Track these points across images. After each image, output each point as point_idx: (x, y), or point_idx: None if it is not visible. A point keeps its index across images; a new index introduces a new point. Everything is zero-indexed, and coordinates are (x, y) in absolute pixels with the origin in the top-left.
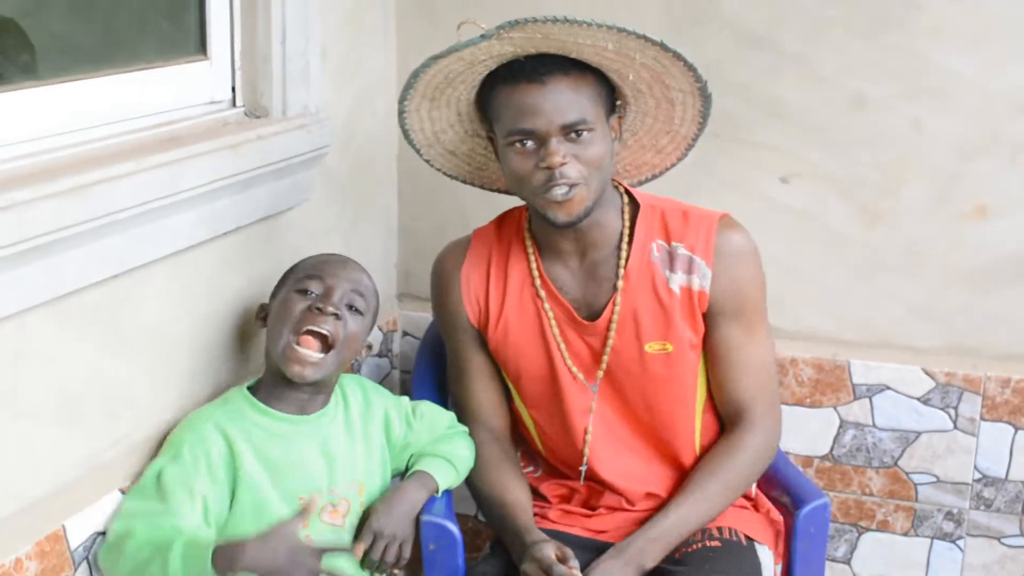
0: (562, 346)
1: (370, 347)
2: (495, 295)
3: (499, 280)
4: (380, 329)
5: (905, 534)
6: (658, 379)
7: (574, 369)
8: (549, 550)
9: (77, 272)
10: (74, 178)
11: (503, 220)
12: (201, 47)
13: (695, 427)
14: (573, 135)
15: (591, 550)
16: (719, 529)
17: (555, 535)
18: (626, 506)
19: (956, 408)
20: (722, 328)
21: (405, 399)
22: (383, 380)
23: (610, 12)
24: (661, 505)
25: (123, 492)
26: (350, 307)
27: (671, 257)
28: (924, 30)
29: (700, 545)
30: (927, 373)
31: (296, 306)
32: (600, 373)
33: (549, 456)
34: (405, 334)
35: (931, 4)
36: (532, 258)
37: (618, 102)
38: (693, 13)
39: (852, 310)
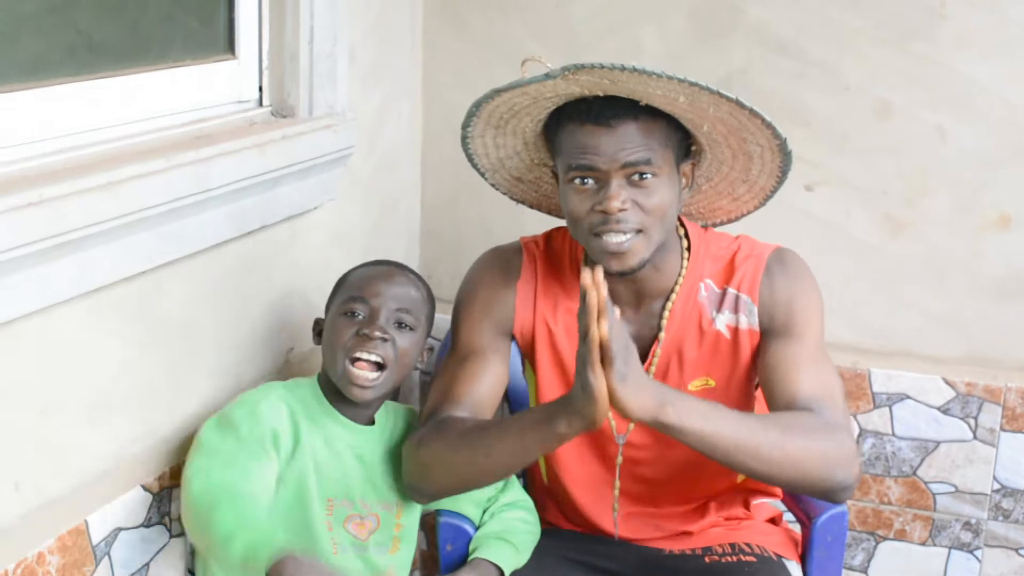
0: None
1: (431, 349)
2: (541, 320)
3: (548, 305)
4: None
5: (923, 543)
6: None
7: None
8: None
9: (106, 268)
10: (104, 175)
11: (554, 241)
12: (229, 46)
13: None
14: (636, 177)
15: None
16: (748, 545)
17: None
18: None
19: (976, 418)
20: (769, 346)
21: None
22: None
23: (637, 22)
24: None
25: (145, 488)
26: (399, 324)
27: (721, 299)
28: (948, 40)
29: (736, 559)
30: (947, 383)
31: (344, 331)
32: (631, 425)
33: (562, 502)
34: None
35: (955, 14)
36: None
37: (693, 147)
38: (719, 21)
39: (874, 319)
